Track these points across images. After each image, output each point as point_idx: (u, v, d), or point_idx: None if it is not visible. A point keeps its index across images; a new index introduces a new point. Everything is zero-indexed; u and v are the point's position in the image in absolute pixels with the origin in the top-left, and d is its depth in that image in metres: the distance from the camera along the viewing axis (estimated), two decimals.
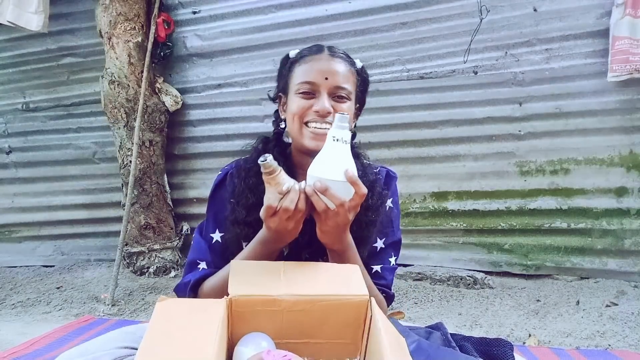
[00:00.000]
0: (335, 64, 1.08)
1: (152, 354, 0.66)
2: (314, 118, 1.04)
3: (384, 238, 1.14)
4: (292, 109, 1.07)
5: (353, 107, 1.11)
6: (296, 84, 1.07)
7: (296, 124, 1.06)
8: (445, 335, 0.93)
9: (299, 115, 1.05)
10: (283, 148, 1.15)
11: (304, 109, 1.05)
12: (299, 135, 1.07)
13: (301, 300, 0.80)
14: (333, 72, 1.06)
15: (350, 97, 1.09)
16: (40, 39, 3.42)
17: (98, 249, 3.62)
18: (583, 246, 2.80)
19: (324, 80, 1.05)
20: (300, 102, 1.06)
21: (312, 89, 1.05)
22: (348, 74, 1.09)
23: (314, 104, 1.04)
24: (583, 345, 2.01)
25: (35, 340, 2.13)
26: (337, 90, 1.06)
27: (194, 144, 3.40)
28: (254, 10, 3.15)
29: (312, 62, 1.08)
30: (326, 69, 1.06)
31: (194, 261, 1.12)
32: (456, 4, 2.82)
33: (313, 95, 1.06)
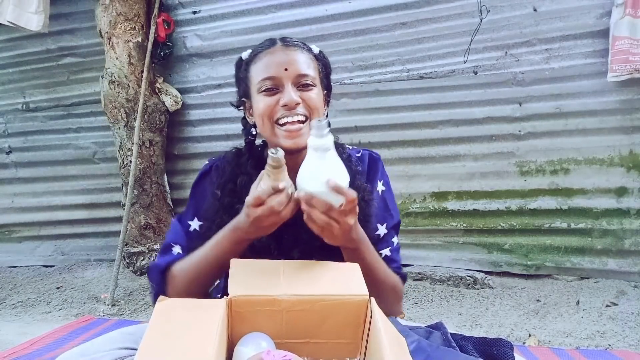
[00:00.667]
0: (291, 52, 1.03)
1: (152, 354, 0.66)
2: (284, 113, 0.99)
3: (385, 223, 1.12)
4: (259, 110, 1.02)
5: (321, 94, 1.07)
6: (256, 82, 1.02)
7: (267, 124, 1.02)
8: (445, 335, 0.93)
9: (268, 115, 1.01)
10: (258, 158, 1.11)
11: (271, 106, 1.00)
12: (272, 136, 1.03)
13: (301, 300, 0.80)
14: (292, 61, 1.01)
15: (316, 83, 1.04)
16: (40, 39, 3.42)
17: (98, 249, 3.62)
18: (583, 246, 2.80)
19: (284, 72, 1.00)
20: (265, 100, 1.01)
21: (275, 83, 1.00)
22: (308, 60, 1.04)
23: (280, 99, 1.00)
24: (583, 345, 2.01)
25: (35, 340, 2.13)
26: (301, 78, 1.01)
27: (194, 144, 3.40)
28: (254, 10, 3.15)
29: (267, 56, 1.03)
30: (284, 59, 1.01)
31: (169, 244, 1.10)
32: (456, 4, 2.82)
33: (277, 90, 1.00)
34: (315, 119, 0.89)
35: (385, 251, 1.11)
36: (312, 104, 1.02)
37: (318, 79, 1.06)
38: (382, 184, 1.15)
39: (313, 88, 1.03)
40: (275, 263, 0.91)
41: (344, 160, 1.02)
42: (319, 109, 1.04)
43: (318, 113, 1.03)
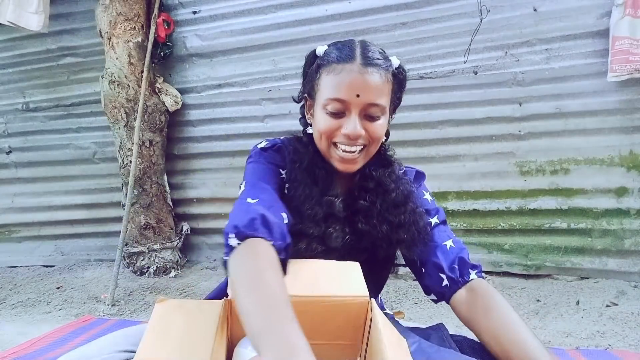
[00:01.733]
0: (368, 76, 0.94)
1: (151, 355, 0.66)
2: (343, 140, 0.96)
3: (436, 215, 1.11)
4: (320, 127, 0.98)
5: (386, 121, 1.02)
6: (324, 99, 0.97)
7: (324, 142, 0.99)
8: (445, 336, 0.93)
9: (327, 135, 0.98)
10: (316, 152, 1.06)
11: (332, 130, 0.97)
12: (327, 153, 1.01)
13: (301, 301, 0.80)
14: (365, 88, 0.94)
15: (385, 112, 0.99)
16: (40, 39, 3.42)
17: (98, 249, 3.63)
18: (583, 246, 2.80)
19: (355, 98, 0.94)
20: (328, 121, 0.97)
21: (342, 107, 0.95)
22: (383, 85, 0.97)
23: (343, 124, 0.96)
24: (583, 345, 2.01)
25: (35, 340, 2.13)
26: (370, 108, 0.96)
27: (193, 144, 3.40)
28: (254, 10, 3.14)
29: (342, 73, 0.95)
30: (358, 83, 0.94)
31: (259, 184, 0.97)
32: (456, 4, 2.82)
33: (342, 115, 0.96)
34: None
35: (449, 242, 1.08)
36: (374, 136, 0.99)
37: (389, 102, 1.01)
38: (429, 195, 1.17)
39: (380, 118, 0.99)
40: None
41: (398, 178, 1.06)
42: (379, 139, 1.01)
43: (377, 143, 1.02)
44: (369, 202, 1.03)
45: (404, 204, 1.03)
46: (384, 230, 1.01)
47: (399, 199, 1.03)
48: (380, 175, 1.05)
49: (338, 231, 1.01)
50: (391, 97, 1.02)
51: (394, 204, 1.03)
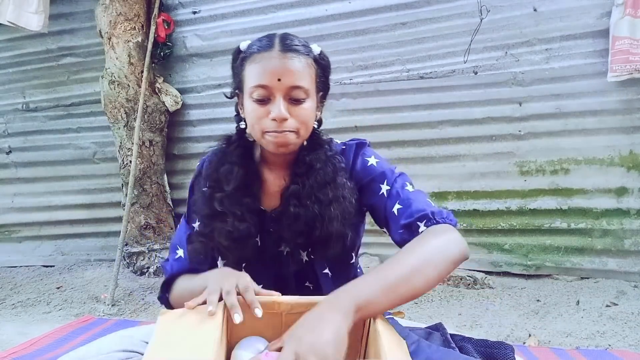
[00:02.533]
0: (287, 60, 0.98)
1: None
2: (272, 127, 0.98)
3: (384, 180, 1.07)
4: (249, 117, 1.02)
5: (314, 105, 1.04)
6: (249, 87, 1.00)
7: (256, 130, 1.01)
8: (445, 335, 0.93)
9: (257, 124, 1.00)
10: (246, 148, 1.11)
11: (260, 117, 0.99)
12: (260, 140, 1.02)
13: (300, 303, 0.80)
14: (286, 71, 0.97)
15: (309, 94, 1.01)
16: (40, 39, 3.42)
17: (98, 249, 3.62)
18: (583, 246, 2.80)
19: (277, 82, 0.97)
20: (256, 109, 0.99)
21: (266, 93, 0.98)
22: (304, 68, 1.00)
23: (270, 110, 0.98)
24: (583, 345, 2.01)
25: (35, 340, 2.13)
26: (293, 90, 0.98)
27: (193, 144, 3.40)
28: (254, 10, 3.15)
29: (262, 61, 0.99)
30: (278, 68, 0.97)
31: (175, 246, 1.16)
32: (456, 4, 2.82)
33: (268, 101, 0.98)
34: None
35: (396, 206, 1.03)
36: (302, 119, 1.00)
37: (313, 86, 1.03)
38: (373, 158, 1.12)
39: (305, 100, 1.00)
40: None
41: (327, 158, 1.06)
42: (308, 121, 1.03)
43: (307, 125, 1.03)
44: (300, 185, 1.04)
45: (332, 180, 1.03)
46: (316, 210, 1.01)
47: (327, 177, 1.04)
48: (311, 158, 1.06)
49: (232, 226, 1.02)
50: (316, 82, 1.04)
51: (323, 182, 1.04)
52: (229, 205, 1.03)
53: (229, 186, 1.04)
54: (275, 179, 1.10)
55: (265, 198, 1.10)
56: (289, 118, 0.98)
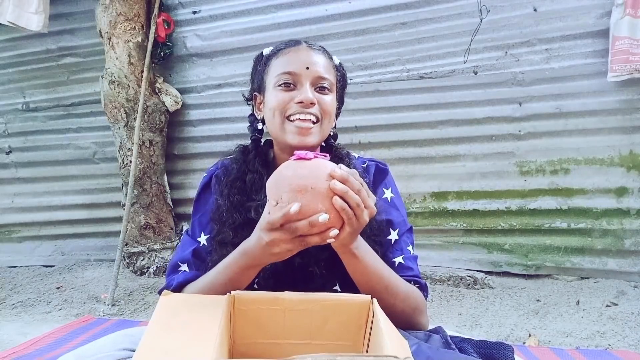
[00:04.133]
0: (315, 54, 1.02)
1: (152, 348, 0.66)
2: (297, 110, 0.97)
3: (397, 229, 1.07)
4: (272, 103, 1.00)
5: (335, 102, 1.05)
6: (275, 76, 1.00)
7: (277, 119, 0.99)
8: (445, 338, 0.93)
9: (281, 109, 0.98)
10: (264, 157, 1.09)
11: (285, 102, 0.98)
12: (281, 132, 1.00)
13: (303, 299, 0.80)
14: (314, 62, 1.00)
15: (333, 90, 1.03)
16: (40, 39, 3.42)
17: (98, 249, 3.62)
18: (583, 246, 2.80)
19: (305, 70, 0.98)
20: (281, 94, 0.99)
21: (293, 79, 0.99)
22: (329, 65, 1.04)
23: (295, 96, 0.98)
24: (583, 345, 2.01)
25: (35, 340, 2.13)
26: (320, 80, 1.00)
27: (194, 144, 3.40)
28: (254, 10, 3.15)
29: (290, 53, 1.02)
30: (307, 58, 1.00)
31: (176, 264, 1.08)
32: (456, 4, 2.82)
33: (294, 87, 0.99)
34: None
35: (399, 259, 1.05)
36: (326, 108, 1.00)
37: (335, 86, 1.05)
38: (390, 191, 1.11)
39: (329, 93, 1.02)
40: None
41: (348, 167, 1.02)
42: (332, 114, 1.03)
43: (330, 119, 1.03)
44: None
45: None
46: None
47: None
48: None
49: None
50: (337, 85, 1.07)
51: None
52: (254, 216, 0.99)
53: (260, 194, 1.01)
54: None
55: None
56: (315, 103, 0.98)
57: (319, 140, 1.02)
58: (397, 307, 0.95)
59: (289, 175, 0.79)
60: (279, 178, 0.81)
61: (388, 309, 0.82)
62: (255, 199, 1.02)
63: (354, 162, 1.10)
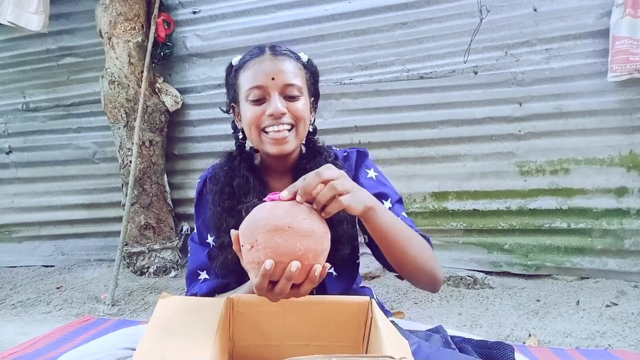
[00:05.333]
0: (279, 62, 1.05)
1: (151, 350, 0.66)
2: (270, 123, 1.02)
3: (389, 198, 1.11)
4: (247, 119, 1.05)
5: (308, 103, 1.10)
6: (244, 91, 1.05)
7: (254, 132, 1.05)
8: (445, 338, 0.93)
9: (255, 124, 1.04)
10: (250, 161, 1.15)
11: (258, 116, 1.03)
12: (259, 144, 1.06)
13: (302, 301, 0.80)
14: (279, 71, 1.03)
15: (302, 92, 1.07)
16: (40, 39, 3.42)
17: (98, 249, 3.62)
18: (583, 246, 2.80)
19: (271, 81, 1.02)
20: (253, 109, 1.04)
21: (262, 93, 1.03)
22: (295, 69, 1.07)
23: (266, 109, 1.02)
24: (583, 345, 2.01)
25: (35, 340, 2.13)
26: (287, 88, 1.04)
27: (194, 144, 3.40)
28: (254, 10, 3.14)
29: (255, 65, 1.05)
30: (271, 69, 1.03)
31: (194, 271, 1.11)
32: (456, 4, 2.82)
33: (264, 100, 1.04)
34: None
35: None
36: (299, 114, 1.05)
37: (305, 87, 1.09)
38: (372, 171, 1.16)
39: (299, 97, 1.06)
40: None
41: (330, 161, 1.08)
42: (305, 118, 1.07)
43: (304, 122, 1.07)
44: None
45: None
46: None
47: None
48: (312, 166, 1.07)
49: None
50: (307, 84, 1.10)
51: None
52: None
53: (249, 197, 1.06)
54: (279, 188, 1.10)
55: None
56: (286, 112, 1.03)
57: (297, 145, 1.08)
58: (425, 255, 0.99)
59: (264, 217, 0.78)
60: (252, 221, 0.79)
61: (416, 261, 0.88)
62: (245, 201, 1.06)
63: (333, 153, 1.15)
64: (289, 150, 1.06)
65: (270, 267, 0.73)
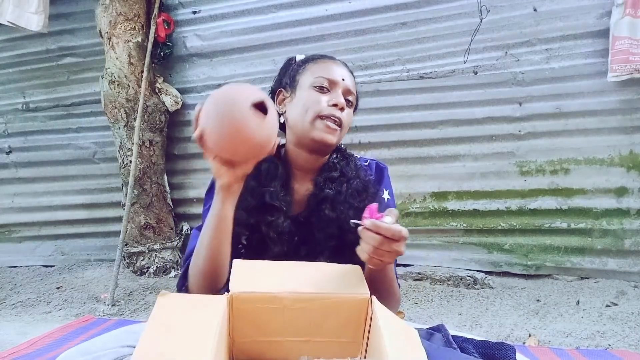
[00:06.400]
0: (347, 72, 1.14)
1: (151, 348, 0.66)
2: (329, 112, 1.07)
3: None
4: (307, 100, 1.09)
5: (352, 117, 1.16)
6: (313, 77, 1.10)
7: (309, 115, 1.07)
8: (446, 336, 0.93)
9: (314, 108, 1.07)
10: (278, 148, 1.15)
11: (320, 102, 1.08)
12: (309, 126, 1.08)
13: (302, 298, 0.80)
14: (347, 77, 1.13)
15: (352, 106, 1.15)
16: (40, 39, 3.42)
17: (98, 249, 3.62)
18: (583, 246, 2.80)
19: (341, 80, 1.10)
20: (316, 95, 1.08)
21: (329, 85, 1.10)
22: (354, 85, 1.16)
23: (330, 99, 1.08)
24: (583, 345, 2.01)
25: (35, 340, 2.13)
26: (348, 93, 1.12)
27: (193, 144, 3.38)
28: (254, 10, 3.15)
29: (327, 63, 1.14)
30: (342, 72, 1.12)
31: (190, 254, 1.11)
32: (456, 4, 2.83)
33: (327, 91, 1.09)
34: None
35: None
36: (347, 118, 1.12)
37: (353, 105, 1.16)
38: (387, 193, 1.19)
39: (351, 108, 1.14)
40: (277, 263, 0.91)
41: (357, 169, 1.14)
42: (348, 125, 1.13)
43: (346, 129, 1.12)
44: (335, 191, 1.10)
45: (365, 190, 1.11)
46: (351, 215, 1.03)
47: (360, 186, 1.12)
48: (343, 165, 1.14)
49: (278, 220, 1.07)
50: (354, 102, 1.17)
51: (357, 190, 1.11)
52: (276, 199, 1.08)
53: (274, 183, 1.10)
54: (300, 186, 1.15)
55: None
56: (345, 108, 1.09)
57: (337, 142, 1.12)
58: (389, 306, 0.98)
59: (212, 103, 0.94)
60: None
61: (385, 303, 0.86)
62: (269, 185, 1.09)
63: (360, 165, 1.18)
64: (333, 143, 1.09)
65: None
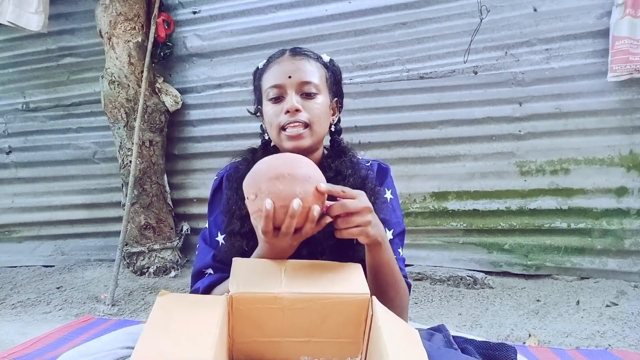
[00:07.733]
0: (297, 61, 1.08)
1: (150, 349, 0.65)
2: (287, 120, 1.03)
3: (392, 229, 1.12)
4: (267, 117, 1.08)
5: (328, 101, 1.10)
6: (264, 90, 1.08)
7: (274, 130, 1.06)
8: (447, 337, 0.93)
9: (274, 122, 1.05)
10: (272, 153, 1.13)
11: (276, 114, 1.05)
12: (278, 141, 1.07)
13: (302, 298, 0.80)
14: (296, 70, 1.06)
15: (320, 90, 1.07)
16: (40, 39, 3.42)
17: (98, 249, 3.62)
18: (583, 246, 2.80)
19: (288, 79, 1.05)
20: (272, 108, 1.06)
21: (279, 92, 1.06)
22: (313, 68, 1.08)
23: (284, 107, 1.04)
24: (583, 345, 2.01)
25: (35, 340, 2.13)
26: (304, 86, 1.05)
27: (194, 144, 3.40)
28: (254, 10, 3.15)
29: (274, 66, 1.09)
30: (289, 68, 1.06)
31: (200, 271, 1.11)
32: (456, 4, 2.83)
33: (282, 98, 1.06)
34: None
35: None
36: (315, 112, 1.05)
37: (324, 86, 1.10)
38: (390, 193, 1.17)
39: (317, 96, 1.07)
40: (277, 262, 0.91)
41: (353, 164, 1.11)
42: (321, 117, 1.07)
43: (320, 121, 1.07)
44: None
45: (361, 187, 1.05)
46: None
47: (357, 183, 1.08)
48: (337, 164, 1.10)
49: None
50: (327, 82, 1.11)
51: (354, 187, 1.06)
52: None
53: None
54: None
55: None
56: (301, 109, 1.03)
57: (312, 143, 1.07)
58: (396, 301, 1.02)
59: (265, 167, 0.86)
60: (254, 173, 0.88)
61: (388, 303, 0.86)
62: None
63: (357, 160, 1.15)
64: (304, 147, 1.05)
65: (270, 207, 0.81)
